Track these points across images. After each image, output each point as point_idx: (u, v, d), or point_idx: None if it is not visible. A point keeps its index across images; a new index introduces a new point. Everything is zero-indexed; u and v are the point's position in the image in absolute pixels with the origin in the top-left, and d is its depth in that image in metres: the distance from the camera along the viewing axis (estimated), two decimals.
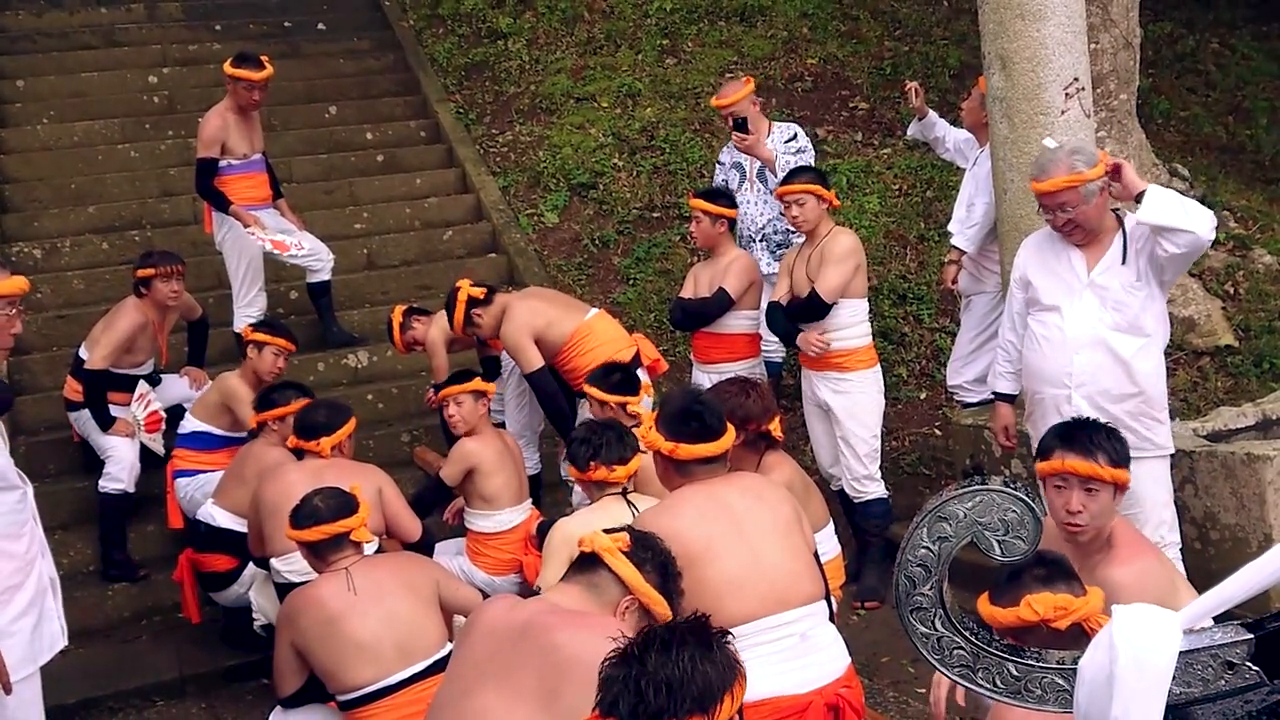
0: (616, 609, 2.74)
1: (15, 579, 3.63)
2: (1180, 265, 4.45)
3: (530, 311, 5.89)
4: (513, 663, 2.61)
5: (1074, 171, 4.37)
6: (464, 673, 2.76)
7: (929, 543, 1.68)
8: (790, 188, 5.71)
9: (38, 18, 10.09)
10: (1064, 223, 4.46)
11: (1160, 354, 4.57)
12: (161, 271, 6.05)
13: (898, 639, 4.64)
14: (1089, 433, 3.37)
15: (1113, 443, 3.34)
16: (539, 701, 2.54)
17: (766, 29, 10.37)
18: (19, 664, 3.59)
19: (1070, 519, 3.25)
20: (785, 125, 6.84)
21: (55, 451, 6.47)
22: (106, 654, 5.61)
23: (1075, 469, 3.26)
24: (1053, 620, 2.63)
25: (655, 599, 2.76)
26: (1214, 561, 4.97)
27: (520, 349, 5.82)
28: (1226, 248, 8.04)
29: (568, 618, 2.67)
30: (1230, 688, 1.51)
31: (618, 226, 8.73)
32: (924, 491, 6.54)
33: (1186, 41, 10.95)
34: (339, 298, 7.60)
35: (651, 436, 3.48)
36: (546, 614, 2.69)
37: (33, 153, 8.73)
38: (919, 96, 6.75)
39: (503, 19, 10.59)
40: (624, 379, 5.06)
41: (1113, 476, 3.27)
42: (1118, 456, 3.32)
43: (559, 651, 2.57)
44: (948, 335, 7.57)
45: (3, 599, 3.58)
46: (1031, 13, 5.30)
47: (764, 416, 4.40)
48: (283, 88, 9.17)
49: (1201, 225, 4.22)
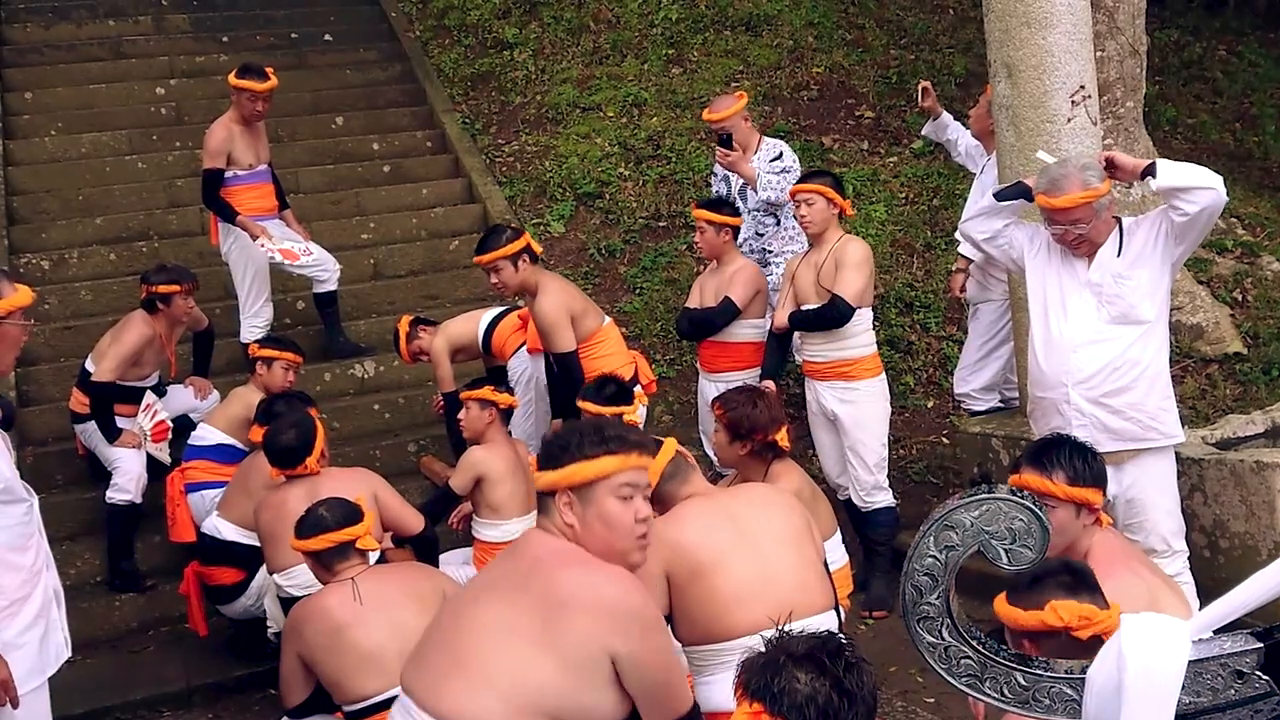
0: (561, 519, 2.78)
1: (22, 591, 3.61)
2: (1199, 229, 4.41)
3: (566, 293, 5.74)
4: (520, 587, 2.69)
5: (1088, 188, 4.36)
6: (478, 584, 3.00)
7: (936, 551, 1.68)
8: (802, 186, 5.71)
9: (46, 30, 10.12)
10: (1074, 238, 4.45)
11: (1162, 338, 4.55)
12: (185, 289, 6.08)
13: (905, 648, 4.62)
14: (1055, 450, 3.38)
15: (1080, 462, 3.34)
16: (538, 628, 2.61)
17: (772, 38, 10.37)
18: (27, 676, 3.57)
19: None
20: (773, 143, 6.83)
21: (62, 462, 6.47)
22: (114, 664, 5.61)
23: (1029, 484, 3.28)
24: (1076, 628, 2.61)
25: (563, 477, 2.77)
26: (1223, 570, 4.95)
27: (558, 327, 5.58)
28: (1235, 255, 8.02)
29: (569, 557, 2.71)
30: (1240, 697, 1.50)
31: (624, 236, 8.73)
32: (931, 500, 6.52)
33: (1193, 48, 10.94)
34: (345, 308, 7.60)
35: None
36: (552, 552, 2.74)
37: (40, 164, 8.75)
38: (929, 96, 6.74)
39: (509, 29, 10.60)
40: (618, 390, 5.05)
41: (1067, 495, 3.27)
42: (1081, 476, 3.31)
43: (560, 588, 2.63)
44: (955, 343, 7.56)
45: (10, 611, 3.56)
46: (1037, 20, 5.29)
47: (771, 426, 4.40)
48: (289, 99, 9.19)
49: (1217, 182, 4.26)
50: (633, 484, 2.72)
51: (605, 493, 2.69)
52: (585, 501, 2.71)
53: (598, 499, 2.70)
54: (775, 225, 6.75)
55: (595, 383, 5.14)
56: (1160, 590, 3.15)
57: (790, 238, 6.66)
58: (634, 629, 2.64)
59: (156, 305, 6.07)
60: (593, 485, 2.70)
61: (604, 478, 2.70)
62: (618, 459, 2.70)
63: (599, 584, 2.65)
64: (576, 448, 2.72)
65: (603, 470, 2.69)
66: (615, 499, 2.70)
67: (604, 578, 2.67)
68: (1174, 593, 3.21)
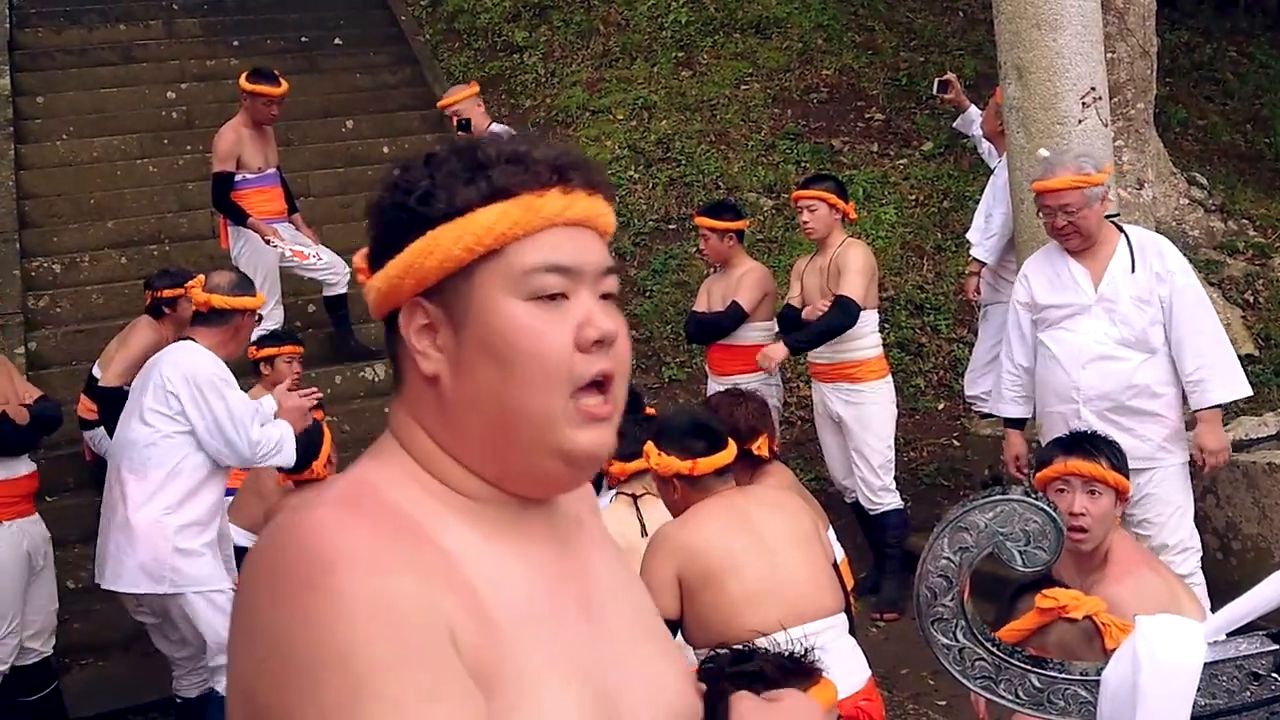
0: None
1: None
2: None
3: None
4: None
5: (1081, 172, 4.35)
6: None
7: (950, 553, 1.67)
8: (804, 193, 5.71)
9: (57, 34, 10.16)
10: (1063, 225, 4.42)
11: (1169, 365, 4.51)
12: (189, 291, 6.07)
13: (917, 651, 4.61)
14: (1092, 439, 3.43)
15: (1113, 451, 3.38)
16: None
17: (781, 41, 10.37)
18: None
19: (1074, 521, 3.23)
20: (501, 129, 6.98)
21: (74, 465, 6.49)
22: (126, 667, 5.62)
23: (1079, 470, 3.28)
24: (1069, 610, 2.63)
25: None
26: (1236, 572, 4.94)
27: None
28: (1246, 256, 8.00)
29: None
30: (1255, 700, 1.50)
31: (634, 239, 8.74)
32: (943, 503, 6.52)
33: (1204, 50, 10.91)
34: (356, 311, 7.61)
35: (665, 461, 3.37)
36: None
37: (52, 168, 8.78)
38: (954, 89, 6.74)
39: (519, 33, 10.62)
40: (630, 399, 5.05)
41: (1115, 481, 3.28)
42: (1119, 463, 3.34)
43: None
44: (965, 346, 7.55)
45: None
46: (1048, 22, 5.28)
47: (749, 434, 4.30)
48: (300, 103, 9.21)
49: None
50: (564, 266, 1.23)
51: (498, 290, 1.21)
52: (458, 322, 1.23)
53: (482, 310, 1.22)
54: None
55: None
56: (1178, 588, 3.16)
57: None
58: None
59: (162, 310, 6.08)
60: (468, 278, 1.22)
61: (490, 251, 1.22)
62: (521, 205, 1.22)
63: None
64: (432, 198, 1.23)
65: (488, 234, 1.21)
66: (521, 301, 1.21)
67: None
68: (1190, 595, 3.21)
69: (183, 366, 4.44)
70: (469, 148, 1.25)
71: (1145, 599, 3.03)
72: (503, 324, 1.20)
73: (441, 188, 1.22)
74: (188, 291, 6.07)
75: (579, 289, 1.22)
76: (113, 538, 4.51)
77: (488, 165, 1.22)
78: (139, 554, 4.42)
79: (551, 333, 1.20)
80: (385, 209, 1.25)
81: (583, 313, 1.21)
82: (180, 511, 4.44)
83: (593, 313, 1.22)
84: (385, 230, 1.25)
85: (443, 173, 1.23)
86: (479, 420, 1.21)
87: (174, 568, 4.42)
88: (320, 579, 1.06)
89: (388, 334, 1.28)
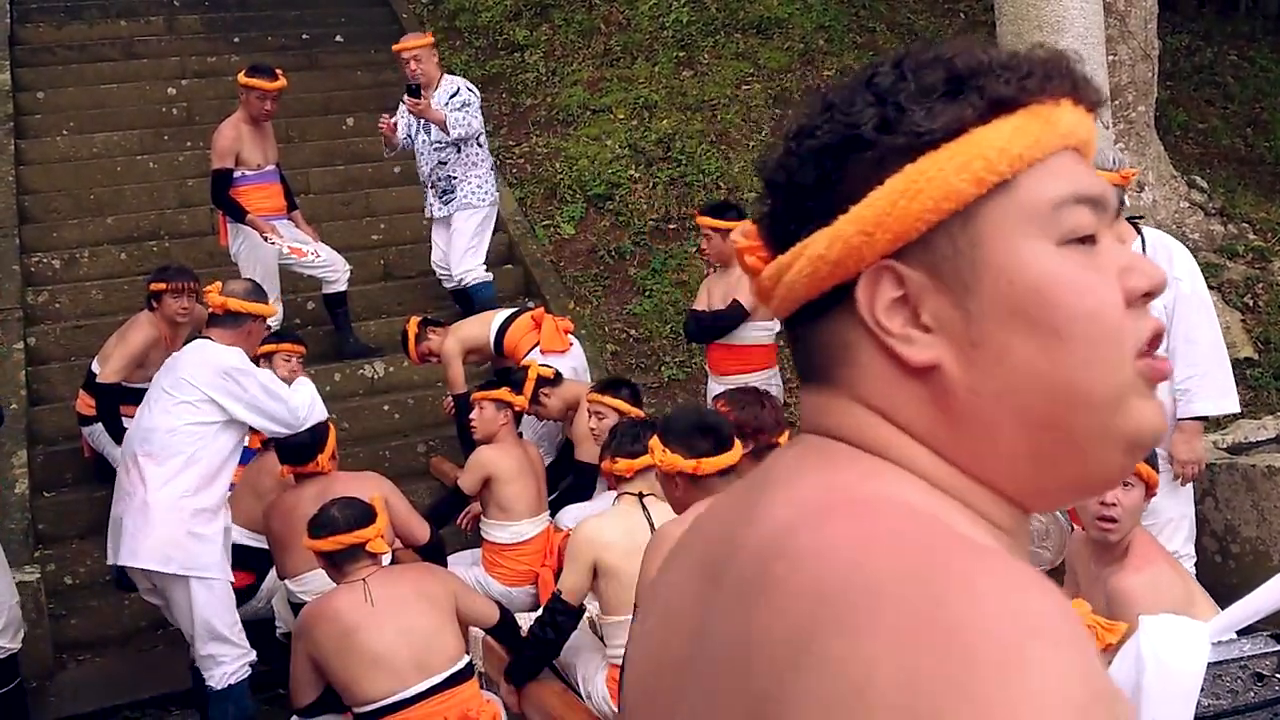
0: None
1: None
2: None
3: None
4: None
5: (1102, 170, 4.35)
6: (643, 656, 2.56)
7: None
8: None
9: (57, 30, 10.14)
10: None
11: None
12: (172, 288, 6.02)
13: None
14: None
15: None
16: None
17: (783, 41, 10.37)
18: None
19: (1105, 511, 3.21)
20: (451, 79, 7.31)
21: (72, 461, 6.49)
22: (123, 663, 5.62)
23: None
24: None
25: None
26: (1234, 575, 4.94)
27: (587, 439, 5.62)
28: (1246, 260, 8.00)
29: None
30: (1259, 700, 1.49)
31: (634, 238, 8.73)
32: None
33: (1205, 53, 10.92)
34: (355, 309, 7.61)
35: (669, 459, 3.35)
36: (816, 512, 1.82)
37: (52, 164, 8.77)
38: None
39: (520, 31, 10.61)
40: (630, 392, 5.19)
41: (1147, 474, 3.29)
42: (1149, 457, 3.33)
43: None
44: None
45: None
46: (1049, 25, 5.29)
47: (776, 429, 4.37)
48: (300, 100, 9.21)
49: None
50: (1095, 197, 0.90)
51: (1018, 235, 0.87)
52: (961, 286, 0.87)
53: (1002, 263, 0.87)
54: (457, 154, 7.20)
55: (609, 381, 5.20)
56: (1193, 586, 3.18)
57: (472, 164, 7.19)
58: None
59: (153, 304, 6.09)
60: (966, 224, 0.87)
61: (1014, 172, 0.88)
62: (1039, 119, 0.90)
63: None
64: (899, 123, 0.88)
65: (1002, 156, 0.87)
66: (1054, 245, 0.87)
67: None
68: (1204, 595, 3.22)
69: (209, 360, 4.61)
70: (933, 58, 0.92)
71: (1161, 592, 3.03)
72: (1038, 278, 0.85)
73: (915, 106, 0.88)
74: (204, 295, 6.11)
75: (1104, 229, 0.90)
76: (131, 518, 4.60)
77: (975, 73, 0.90)
78: (156, 531, 4.54)
79: (1102, 286, 0.87)
80: (811, 153, 0.91)
81: (1122, 257, 0.89)
82: (197, 497, 4.58)
83: (1134, 257, 0.90)
84: (816, 182, 0.90)
85: (906, 90, 0.89)
86: (1011, 417, 0.86)
87: (185, 550, 4.56)
88: (1034, 651, 0.69)
89: (796, 325, 0.95)
